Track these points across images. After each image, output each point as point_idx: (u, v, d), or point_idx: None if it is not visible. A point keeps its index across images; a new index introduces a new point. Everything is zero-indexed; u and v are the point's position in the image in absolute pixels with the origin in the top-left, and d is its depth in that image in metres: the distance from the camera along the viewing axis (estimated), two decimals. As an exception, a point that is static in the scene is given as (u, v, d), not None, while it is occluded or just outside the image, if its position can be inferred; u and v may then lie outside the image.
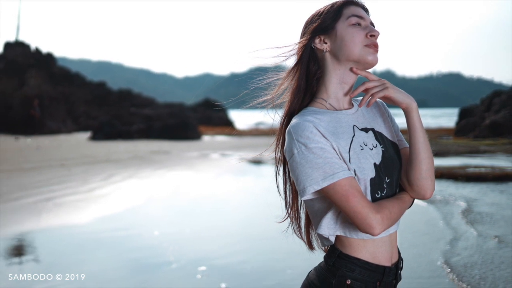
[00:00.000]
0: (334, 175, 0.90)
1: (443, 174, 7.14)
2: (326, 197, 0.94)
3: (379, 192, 0.95)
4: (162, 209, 5.50)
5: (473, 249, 3.62)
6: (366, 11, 1.03)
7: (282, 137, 1.03)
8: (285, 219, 1.09)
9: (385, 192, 0.97)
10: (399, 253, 1.03)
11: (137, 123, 19.52)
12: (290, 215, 1.08)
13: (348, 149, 0.94)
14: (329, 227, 0.95)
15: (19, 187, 6.39)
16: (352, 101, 1.05)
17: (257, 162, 9.77)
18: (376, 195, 0.95)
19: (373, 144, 0.98)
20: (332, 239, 0.97)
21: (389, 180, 0.98)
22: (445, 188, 6.33)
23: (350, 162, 0.93)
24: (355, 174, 0.93)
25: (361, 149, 0.96)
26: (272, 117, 1.07)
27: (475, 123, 15.93)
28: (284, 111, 1.04)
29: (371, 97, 0.98)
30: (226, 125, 23.83)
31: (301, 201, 1.07)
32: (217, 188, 6.93)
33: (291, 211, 1.08)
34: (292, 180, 1.04)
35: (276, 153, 1.06)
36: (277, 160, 1.07)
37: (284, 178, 1.06)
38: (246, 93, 1.08)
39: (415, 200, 1.02)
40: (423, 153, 0.97)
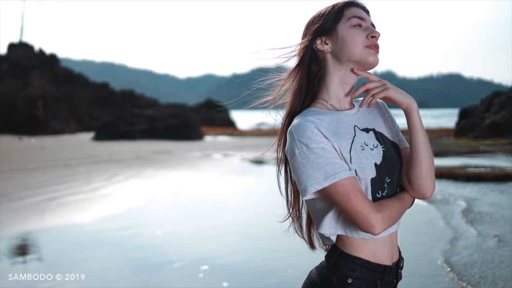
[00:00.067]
0: (335, 175, 0.90)
1: (443, 174, 7.13)
2: (327, 197, 0.94)
3: (379, 192, 0.96)
4: (165, 208, 5.52)
5: (473, 248, 3.61)
6: (367, 12, 1.03)
7: (283, 138, 1.04)
8: (287, 219, 1.10)
9: (385, 192, 0.97)
10: (399, 252, 1.03)
11: (139, 124, 19.57)
12: (291, 215, 1.08)
13: (349, 149, 0.95)
14: (330, 227, 0.96)
15: (23, 187, 6.43)
16: (353, 102, 1.05)
17: (259, 162, 9.77)
18: (377, 194, 0.95)
19: (374, 144, 0.98)
20: (333, 238, 0.97)
21: (389, 180, 0.98)
22: (445, 188, 6.31)
23: (351, 162, 0.94)
24: (356, 174, 0.93)
25: (362, 149, 0.96)
26: (273, 118, 1.08)
27: (475, 124, 15.89)
28: (286, 111, 1.04)
29: (371, 97, 0.99)
30: (228, 126, 23.84)
31: (302, 200, 1.07)
32: (219, 188, 6.94)
33: (292, 211, 1.08)
34: (293, 180, 1.04)
35: (278, 153, 1.07)
36: (278, 160, 1.07)
37: (285, 178, 1.07)
38: (248, 93, 1.09)
39: (416, 199, 1.02)
40: (423, 153, 0.97)
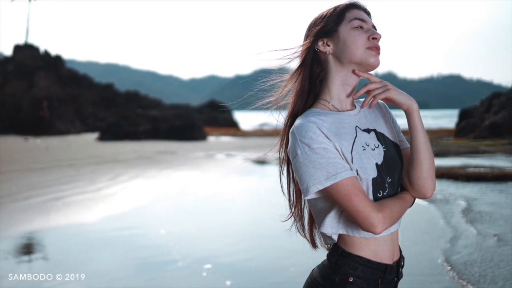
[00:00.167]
0: (337, 175, 0.91)
1: (443, 174, 7.14)
2: (329, 197, 0.95)
3: (381, 191, 0.96)
4: (168, 208, 5.55)
5: (473, 247, 3.62)
6: (368, 14, 1.04)
7: (286, 138, 1.04)
8: (289, 218, 1.11)
9: (386, 191, 0.98)
10: (400, 251, 1.04)
11: (144, 124, 19.66)
12: (293, 214, 1.09)
13: (351, 149, 0.95)
14: (332, 226, 0.97)
15: (28, 187, 6.49)
16: (354, 103, 1.06)
17: (261, 162, 9.79)
18: (378, 194, 0.96)
19: (375, 145, 0.99)
20: (335, 237, 0.98)
21: (390, 180, 0.99)
22: (445, 187, 6.31)
23: (352, 162, 0.94)
24: (357, 174, 0.94)
25: (363, 150, 0.97)
26: (276, 118, 1.08)
27: (475, 124, 15.86)
28: (288, 112, 1.05)
29: (373, 98, 1.00)
30: (231, 126, 23.88)
31: (304, 200, 1.08)
32: (222, 188, 6.96)
33: (294, 210, 1.09)
34: (295, 180, 1.05)
35: (280, 154, 1.08)
36: (281, 160, 1.08)
37: (288, 178, 1.07)
38: (251, 94, 1.10)
39: (416, 199, 1.03)
40: (424, 153, 0.98)
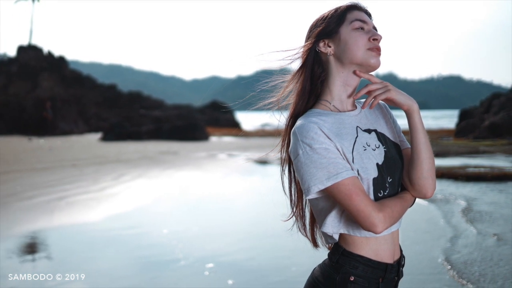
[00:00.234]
0: (338, 175, 0.92)
1: (443, 174, 7.15)
2: (330, 196, 0.96)
3: (381, 191, 0.97)
4: (171, 208, 5.57)
5: (472, 246, 3.62)
6: (369, 15, 1.05)
7: (287, 138, 1.05)
8: (290, 218, 1.11)
9: (387, 191, 0.98)
10: (401, 251, 1.05)
11: (146, 124, 19.72)
12: (295, 214, 1.10)
13: (352, 149, 0.96)
14: (333, 225, 0.97)
15: (32, 187, 6.53)
16: (355, 103, 1.06)
17: (263, 162, 9.80)
18: (379, 194, 0.97)
19: (375, 145, 1.00)
20: (336, 237, 0.98)
21: (391, 179, 1.00)
22: (445, 187, 6.32)
23: (353, 162, 0.95)
24: (358, 174, 0.94)
25: (364, 150, 0.97)
26: (277, 119, 1.09)
27: (475, 125, 15.86)
28: (290, 112, 1.06)
29: (373, 99, 1.00)
30: (233, 126, 23.92)
31: (305, 200, 1.09)
32: (224, 188, 6.97)
33: (296, 210, 1.09)
34: (297, 180, 1.06)
35: (282, 154, 1.08)
36: (282, 160, 1.09)
37: (289, 178, 1.08)
38: (253, 95, 1.10)
39: (417, 199, 1.03)
40: (424, 153, 0.99)
